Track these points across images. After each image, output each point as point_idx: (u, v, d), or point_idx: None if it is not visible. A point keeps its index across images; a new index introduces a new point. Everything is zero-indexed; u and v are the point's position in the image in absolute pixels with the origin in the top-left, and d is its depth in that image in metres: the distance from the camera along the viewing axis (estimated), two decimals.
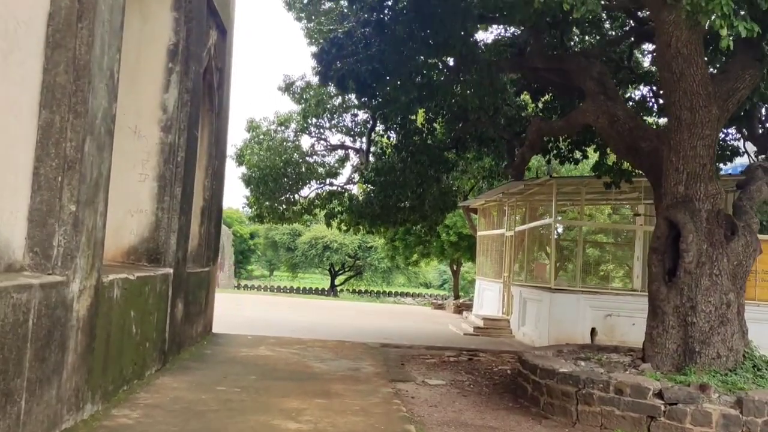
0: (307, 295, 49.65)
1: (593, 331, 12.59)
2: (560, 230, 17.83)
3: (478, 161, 15.80)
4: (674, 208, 7.42)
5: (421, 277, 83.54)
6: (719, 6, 4.51)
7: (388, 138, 13.73)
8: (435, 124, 13.09)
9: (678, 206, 7.40)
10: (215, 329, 12.43)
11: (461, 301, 24.52)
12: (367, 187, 15.14)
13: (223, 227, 51.52)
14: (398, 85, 9.65)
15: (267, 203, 16.79)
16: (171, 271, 8.65)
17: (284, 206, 17.30)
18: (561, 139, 12.49)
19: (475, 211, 21.48)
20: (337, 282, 68.40)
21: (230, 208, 76.51)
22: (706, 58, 7.55)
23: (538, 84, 11.77)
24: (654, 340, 7.43)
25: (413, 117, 12.88)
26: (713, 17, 4.57)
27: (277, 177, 16.71)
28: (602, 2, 6.14)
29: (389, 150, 13.85)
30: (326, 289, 64.22)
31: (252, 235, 76.10)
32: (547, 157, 12.54)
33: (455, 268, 37.46)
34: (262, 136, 16.37)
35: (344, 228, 17.32)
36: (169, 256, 8.72)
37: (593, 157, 12.66)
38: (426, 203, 14.58)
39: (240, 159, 16.82)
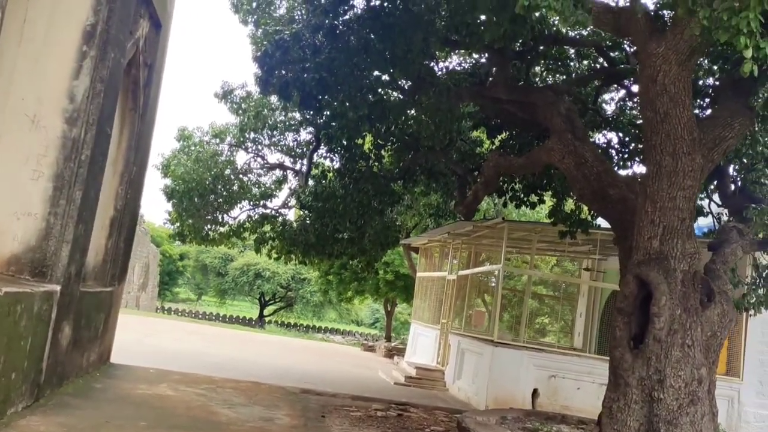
0: (232, 325, 47.61)
1: (535, 393, 11.68)
2: (501, 278, 17.13)
3: (425, 196, 14.83)
4: (647, 265, 6.60)
5: (353, 314, 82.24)
6: (745, 21, 3.73)
7: (331, 160, 12.68)
8: (383, 152, 12.16)
9: (651, 263, 6.57)
10: (116, 358, 10.98)
11: (393, 344, 23.44)
12: (303, 212, 13.95)
13: (151, 246, 49.33)
14: (347, 99, 8.67)
15: (190, 221, 15.31)
16: (58, 288, 7.31)
17: (209, 226, 16.01)
18: (517, 180, 11.72)
19: (416, 250, 20.56)
20: (266, 312, 66.39)
21: (158, 225, 73.89)
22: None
23: (498, 118, 10.99)
24: (614, 415, 6.52)
25: (360, 141, 11.94)
26: (736, 35, 3.77)
27: (204, 193, 15.38)
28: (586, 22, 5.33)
29: (331, 174, 12.79)
30: (254, 319, 62.18)
31: (182, 256, 73.54)
32: (503, 198, 11.72)
33: (389, 309, 36.41)
34: (192, 147, 14.99)
35: (275, 255, 16.00)
36: (57, 270, 7.39)
37: (549, 202, 11.92)
38: (366, 237, 13.52)
39: (165, 170, 15.26)
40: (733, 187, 9.17)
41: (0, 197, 7.32)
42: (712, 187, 9.82)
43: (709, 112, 9.27)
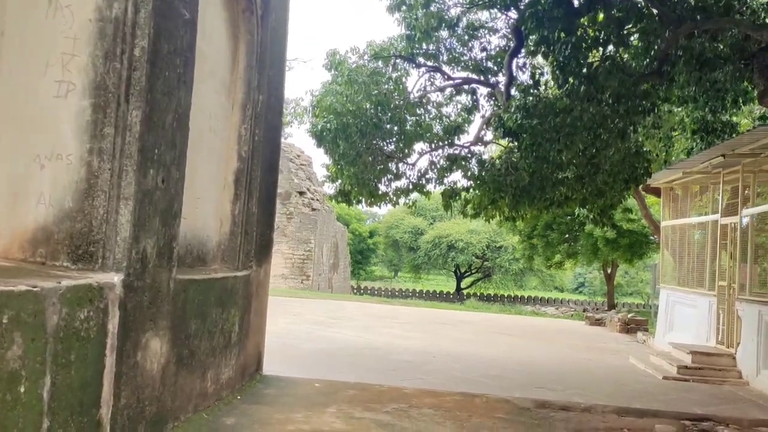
0: (429, 302, 45.11)
1: None
2: None
3: (692, 103, 10.10)
4: None
5: (557, 280, 77.68)
6: None
7: (545, 56, 8.61)
8: (624, 33, 8.07)
9: None
10: (272, 366, 8.13)
11: (630, 315, 18.97)
12: (508, 143, 10.17)
13: (338, 224, 48.12)
14: None
15: (351, 170, 11.25)
16: (117, 278, 4.29)
17: (378, 178, 11.92)
18: None
19: (654, 191, 15.91)
20: (463, 285, 63.76)
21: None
22: None
23: None
24: None
25: (585, 20, 7.99)
26: None
27: (365, 128, 11.01)
28: None
29: (551, 75, 8.92)
30: (452, 293, 59.68)
31: (371, 234, 73.21)
32: None
33: (609, 272, 31.51)
34: (348, 75, 11.68)
35: (471, 212, 12.26)
36: (116, 247, 4.38)
37: None
38: (601, 171, 9.48)
39: (315, 110, 11.85)
40: None
41: (9, 130, 4.46)
42: None
43: None
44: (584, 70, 8.12)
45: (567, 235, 30.50)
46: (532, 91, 9.03)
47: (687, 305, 13.41)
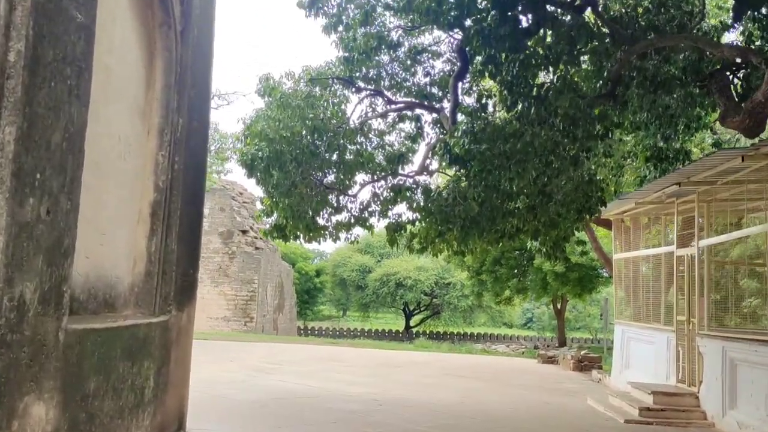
0: (378, 341, 44.10)
1: None
2: None
3: (647, 128, 9.61)
4: None
5: (506, 316, 77.72)
6: None
7: (493, 76, 7.94)
8: (576, 52, 7.60)
9: None
10: (198, 423, 7.24)
11: (582, 352, 18.50)
12: (455, 171, 9.51)
13: (283, 263, 46.95)
14: None
15: (285, 201, 10.21)
16: None
17: (313, 212, 10.75)
18: None
19: (605, 223, 15.61)
20: (412, 323, 62.99)
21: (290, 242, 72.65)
22: None
23: None
24: None
25: (532, 42, 7.49)
26: None
27: (300, 157, 9.92)
28: None
29: (499, 97, 8.32)
30: (401, 331, 58.81)
31: (318, 273, 72.04)
32: None
33: (559, 307, 31.25)
34: (280, 98, 10.35)
35: (417, 246, 11.46)
36: None
37: None
38: (553, 202, 8.94)
39: (247, 140, 10.63)
40: None
41: None
42: None
43: None
44: (534, 91, 7.62)
45: (516, 270, 30.19)
46: (479, 114, 8.49)
47: (644, 341, 12.97)
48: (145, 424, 5.98)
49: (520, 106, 7.69)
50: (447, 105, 10.18)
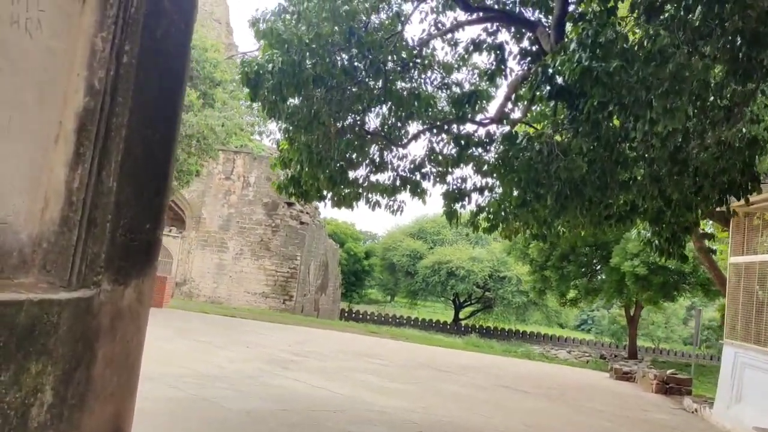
0: (424, 331, 41.74)
1: None
2: None
3: None
4: None
5: (562, 317, 74.79)
6: None
7: None
8: None
9: None
10: None
11: (668, 372, 15.68)
12: (558, 110, 6.75)
13: (329, 240, 44.85)
14: None
15: (302, 139, 7.39)
16: None
17: (340, 159, 7.75)
18: None
19: (722, 218, 12.76)
20: (462, 315, 60.58)
21: (341, 220, 71.06)
22: None
23: None
24: None
25: None
26: None
27: (329, 74, 6.94)
28: None
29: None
30: (449, 323, 56.46)
31: (367, 254, 70.22)
32: None
33: (633, 314, 28.18)
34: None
35: (484, 224, 8.69)
36: None
37: None
38: (688, 171, 6.30)
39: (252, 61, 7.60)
40: None
41: None
42: None
43: None
44: None
45: (585, 269, 27.32)
46: (605, 20, 5.81)
47: (766, 371, 10.18)
48: None
49: (667, 13, 5.07)
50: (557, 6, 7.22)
